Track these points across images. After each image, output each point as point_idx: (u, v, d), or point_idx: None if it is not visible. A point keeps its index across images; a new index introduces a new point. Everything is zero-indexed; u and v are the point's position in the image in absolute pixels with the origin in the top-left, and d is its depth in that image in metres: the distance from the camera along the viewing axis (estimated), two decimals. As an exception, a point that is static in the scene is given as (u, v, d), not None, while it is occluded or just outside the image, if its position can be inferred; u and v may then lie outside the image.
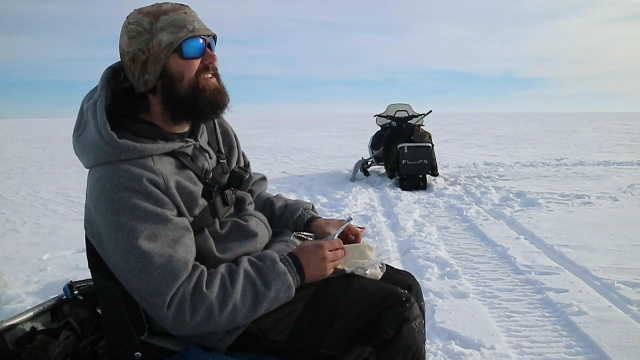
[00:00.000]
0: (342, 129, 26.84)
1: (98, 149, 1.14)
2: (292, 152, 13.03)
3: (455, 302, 2.76)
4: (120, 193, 1.11)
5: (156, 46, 1.16)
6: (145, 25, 1.17)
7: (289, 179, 7.76)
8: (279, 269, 1.20)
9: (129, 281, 1.12)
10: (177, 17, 1.18)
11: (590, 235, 4.11)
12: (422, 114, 7.65)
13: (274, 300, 1.19)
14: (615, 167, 8.60)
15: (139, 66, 1.19)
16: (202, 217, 1.26)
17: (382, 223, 4.73)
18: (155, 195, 1.14)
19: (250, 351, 1.26)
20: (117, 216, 1.10)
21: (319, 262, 1.26)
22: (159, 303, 1.10)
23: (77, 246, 4.04)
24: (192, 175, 1.25)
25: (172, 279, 1.10)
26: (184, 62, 1.19)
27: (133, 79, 1.22)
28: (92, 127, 1.16)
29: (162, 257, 1.10)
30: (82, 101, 1.24)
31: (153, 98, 1.24)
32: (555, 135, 18.56)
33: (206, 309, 1.12)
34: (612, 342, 2.28)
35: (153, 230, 1.11)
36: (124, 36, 1.20)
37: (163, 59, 1.17)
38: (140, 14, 1.19)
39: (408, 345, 1.21)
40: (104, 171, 1.14)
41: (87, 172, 1.22)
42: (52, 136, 24.95)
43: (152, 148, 1.17)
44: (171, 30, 1.16)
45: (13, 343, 1.40)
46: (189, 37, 1.18)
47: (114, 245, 1.12)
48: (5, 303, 2.86)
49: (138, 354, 1.22)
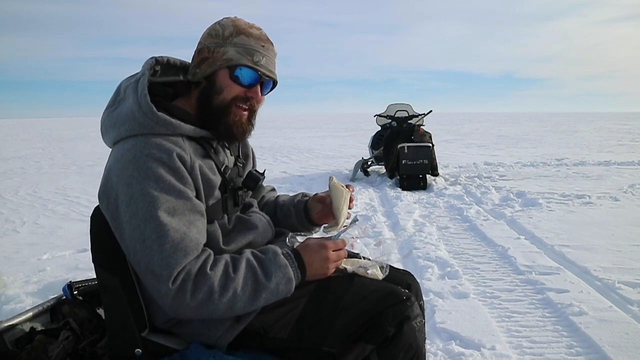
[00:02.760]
0: (342, 129, 26.86)
1: (134, 120, 1.19)
2: (292, 152, 13.03)
3: (455, 303, 2.76)
4: (149, 162, 1.14)
5: (219, 54, 1.25)
6: (226, 33, 1.26)
7: (289, 179, 7.76)
8: (280, 261, 1.21)
9: (139, 252, 1.12)
10: (254, 45, 1.26)
11: (591, 235, 4.10)
12: (422, 114, 7.65)
13: (274, 292, 1.19)
14: (616, 167, 8.60)
15: (199, 58, 1.28)
16: (215, 208, 1.28)
17: (382, 223, 4.73)
18: (180, 172, 1.17)
19: (251, 349, 1.27)
20: (142, 184, 1.13)
21: (322, 262, 1.27)
22: (165, 276, 1.11)
23: (76, 246, 4.03)
24: (213, 166, 1.29)
25: (183, 255, 1.12)
26: (229, 81, 1.26)
27: (191, 65, 1.31)
28: (131, 100, 1.22)
29: (177, 232, 1.12)
30: (119, 84, 1.31)
31: (195, 90, 1.31)
32: (555, 135, 18.58)
33: (207, 290, 1.12)
34: (613, 343, 2.27)
35: (173, 204, 1.14)
36: (207, 29, 1.29)
37: (216, 66, 1.25)
38: (231, 22, 1.28)
39: (409, 343, 1.23)
40: (135, 142, 1.18)
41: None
42: (51, 136, 24.96)
43: (185, 127, 1.23)
44: (240, 50, 1.25)
45: (12, 343, 1.40)
46: (248, 65, 1.25)
47: (132, 214, 1.13)
48: (5, 303, 2.85)
49: (138, 350, 1.23)
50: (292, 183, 7.31)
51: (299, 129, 27.62)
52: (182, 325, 1.27)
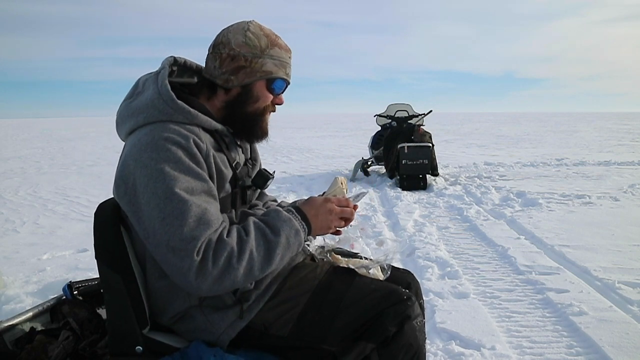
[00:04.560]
0: (342, 129, 26.86)
1: (153, 108, 1.22)
2: (292, 152, 13.03)
3: (455, 303, 2.76)
4: (168, 145, 1.17)
5: (258, 65, 1.30)
6: (262, 44, 1.30)
7: (289, 179, 7.75)
8: (283, 216, 1.23)
9: (159, 230, 1.12)
10: (284, 56, 1.34)
11: (591, 235, 4.10)
12: (422, 114, 7.65)
13: (286, 246, 1.21)
14: (616, 167, 8.60)
15: (234, 66, 1.30)
16: (224, 202, 1.30)
17: (382, 223, 4.73)
18: (197, 158, 1.20)
19: (252, 347, 1.27)
20: (161, 165, 1.15)
21: (326, 215, 1.29)
22: (190, 249, 1.10)
23: (76, 246, 4.03)
24: (225, 160, 1.32)
25: (206, 227, 1.14)
26: (266, 92, 1.33)
27: (217, 68, 1.31)
28: (152, 90, 1.25)
29: (199, 207, 1.14)
30: (138, 79, 1.35)
31: (222, 94, 1.34)
32: (555, 135, 18.58)
33: (227, 255, 1.13)
34: (613, 343, 2.27)
35: (192, 185, 1.16)
36: (238, 36, 1.29)
37: (256, 77, 1.30)
38: (262, 31, 1.31)
39: (409, 343, 1.24)
40: (153, 127, 1.21)
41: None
42: (51, 136, 24.96)
43: (202, 118, 1.26)
44: (276, 63, 1.32)
45: (12, 343, 1.40)
46: (282, 77, 1.34)
47: (151, 194, 1.14)
48: (5, 303, 2.85)
49: (139, 347, 1.24)
50: (292, 183, 7.30)
51: (298, 129, 27.62)
52: (184, 321, 1.27)
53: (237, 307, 1.25)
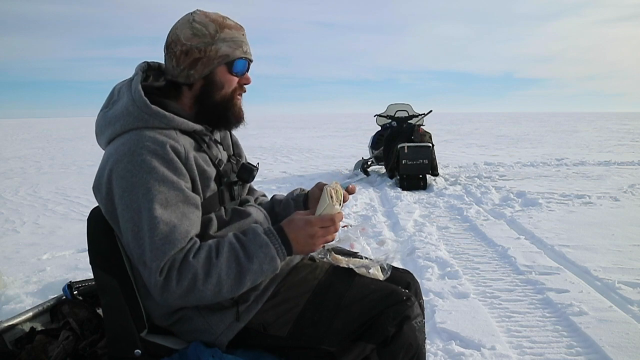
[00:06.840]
0: (342, 129, 26.85)
1: (128, 115, 1.21)
2: (292, 152, 13.03)
3: (455, 303, 2.76)
4: (142, 155, 1.15)
5: (213, 52, 1.27)
6: (211, 30, 1.27)
7: (289, 179, 7.76)
8: (260, 241, 1.18)
9: (132, 243, 1.15)
10: (237, 35, 1.30)
11: (591, 235, 4.10)
12: (422, 114, 7.65)
13: (259, 272, 1.17)
14: (616, 167, 8.59)
15: (189, 60, 1.27)
16: (211, 200, 1.29)
17: (382, 223, 4.73)
18: (174, 164, 1.18)
19: (251, 348, 1.27)
20: (136, 177, 1.14)
21: (307, 239, 1.21)
22: (154, 268, 1.12)
23: (76, 246, 4.03)
24: (207, 158, 1.31)
25: (171, 247, 1.13)
26: (229, 76, 1.31)
27: (176, 67, 1.29)
28: (125, 97, 1.24)
29: (167, 225, 1.13)
30: (112, 88, 1.33)
31: (187, 91, 1.32)
32: (555, 135, 18.57)
33: (191, 277, 1.13)
34: (613, 343, 2.27)
35: (166, 196, 1.15)
36: (185, 30, 1.27)
37: (214, 65, 1.28)
38: (207, 18, 1.28)
39: (409, 343, 1.24)
40: (129, 137, 1.19)
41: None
42: (51, 136, 24.96)
43: (178, 120, 1.25)
44: (230, 45, 1.28)
45: (12, 343, 1.40)
46: (241, 57, 1.30)
47: (125, 207, 1.14)
48: (5, 303, 2.85)
49: (138, 351, 1.23)
50: (292, 183, 7.30)
51: (298, 129, 27.60)
52: (183, 323, 1.27)
53: (235, 308, 1.25)
